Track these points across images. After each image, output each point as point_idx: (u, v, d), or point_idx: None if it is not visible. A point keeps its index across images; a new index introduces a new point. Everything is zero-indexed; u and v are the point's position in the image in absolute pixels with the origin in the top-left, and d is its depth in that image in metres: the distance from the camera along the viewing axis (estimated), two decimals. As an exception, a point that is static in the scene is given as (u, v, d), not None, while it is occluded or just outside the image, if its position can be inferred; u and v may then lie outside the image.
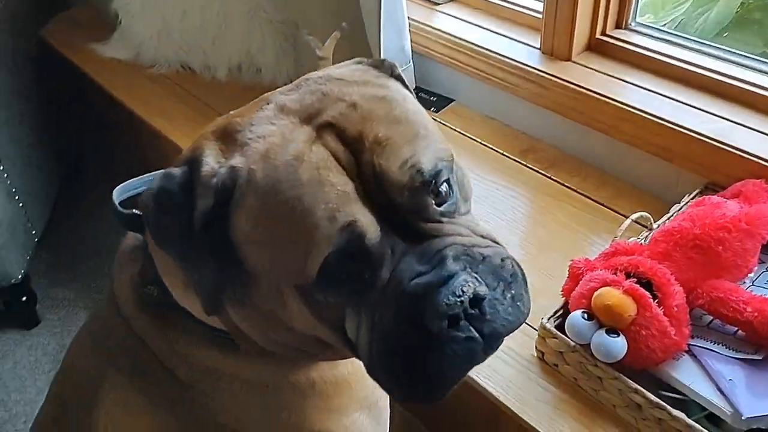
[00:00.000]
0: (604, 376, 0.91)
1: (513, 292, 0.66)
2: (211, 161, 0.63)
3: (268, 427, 0.79)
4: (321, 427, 0.81)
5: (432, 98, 1.61)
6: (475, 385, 1.00)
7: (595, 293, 0.90)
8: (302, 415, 0.80)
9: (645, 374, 0.92)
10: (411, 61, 1.55)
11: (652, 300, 0.88)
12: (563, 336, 0.94)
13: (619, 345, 0.88)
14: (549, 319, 0.98)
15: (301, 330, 0.70)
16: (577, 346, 0.93)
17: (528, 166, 1.39)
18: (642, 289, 0.88)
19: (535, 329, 1.00)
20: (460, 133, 1.50)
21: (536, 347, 1.01)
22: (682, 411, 0.86)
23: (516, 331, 0.99)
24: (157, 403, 0.77)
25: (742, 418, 0.80)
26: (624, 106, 1.24)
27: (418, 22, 1.56)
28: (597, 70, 1.34)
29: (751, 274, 0.99)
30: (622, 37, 1.36)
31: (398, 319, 0.62)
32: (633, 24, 1.38)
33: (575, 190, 1.32)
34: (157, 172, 0.69)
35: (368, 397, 0.86)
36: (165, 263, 0.74)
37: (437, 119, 1.54)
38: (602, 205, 1.28)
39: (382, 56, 1.42)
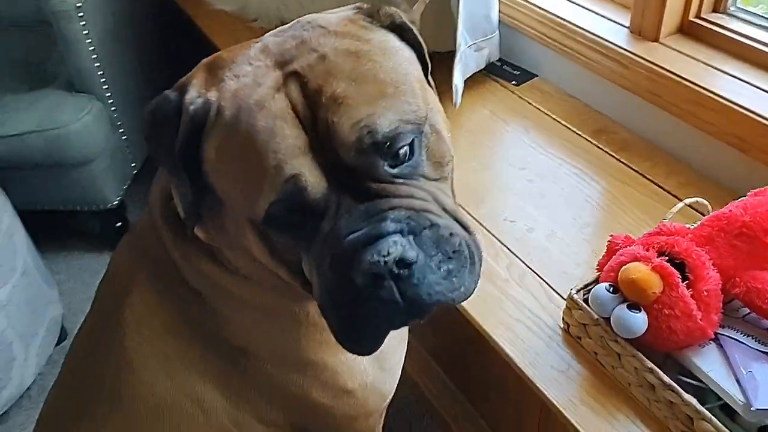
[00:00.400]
0: (623, 353, 0.89)
1: (450, 266, 0.66)
2: (194, 91, 0.68)
3: (268, 347, 0.85)
4: (316, 357, 0.85)
5: (515, 72, 1.60)
6: (497, 347, 1.01)
7: (623, 267, 0.88)
8: (300, 342, 0.85)
9: (668, 359, 0.90)
10: (497, 30, 1.53)
11: (680, 280, 0.85)
12: (588, 308, 0.93)
13: (639, 321, 0.86)
14: (578, 291, 0.96)
15: (267, 264, 0.74)
16: (600, 320, 0.91)
17: (599, 147, 1.36)
18: (671, 268, 0.85)
19: (565, 300, 0.99)
20: (535, 107, 1.48)
21: (563, 318, 1.00)
22: (699, 399, 0.83)
23: (547, 300, 1.00)
24: (172, 307, 0.84)
25: (752, 408, 0.77)
26: (704, 91, 1.18)
27: (511, -7, 1.55)
28: (684, 53, 1.28)
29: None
30: (718, 22, 1.29)
31: (333, 271, 0.65)
32: (732, 8, 1.30)
33: (643, 175, 1.27)
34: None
35: None
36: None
37: (516, 92, 1.53)
38: (668, 192, 1.23)
39: (461, 22, 1.42)
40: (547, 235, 1.17)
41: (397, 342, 0.96)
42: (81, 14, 1.75)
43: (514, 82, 1.56)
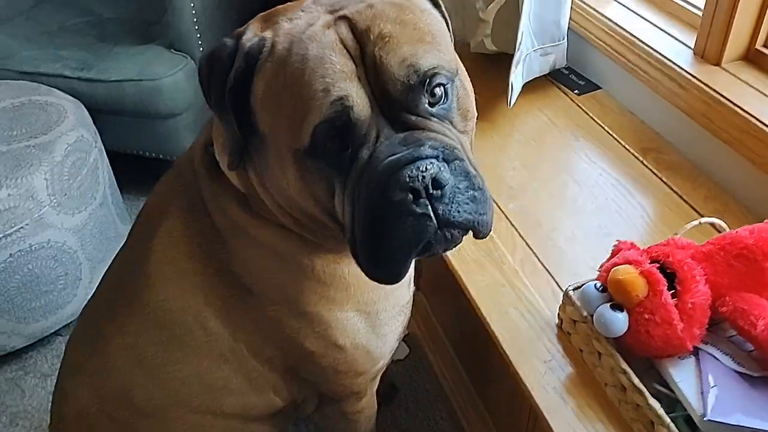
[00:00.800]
0: (603, 352, 0.92)
1: (476, 194, 0.72)
2: (250, 33, 0.77)
3: (271, 289, 0.93)
4: (314, 309, 0.93)
5: (580, 81, 1.61)
6: (490, 330, 1.05)
7: (613, 268, 0.91)
8: (302, 292, 0.92)
9: (651, 367, 0.91)
10: (566, 38, 1.56)
11: (666, 288, 0.86)
12: (578, 305, 0.96)
13: (619, 320, 0.88)
14: (575, 289, 0.99)
15: (299, 202, 0.81)
16: (588, 317, 0.94)
17: (644, 163, 1.36)
18: (658, 274, 0.87)
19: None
20: (592, 118, 1.50)
21: (558, 314, 1.03)
22: (669, 408, 0.85)
23: (551, 297, 1.02)
24: (194, 238, 0.93)
25: (703, 419, 0.78)
26: (752, 119, 1.17)
27: (587, 4, 1.56)
28: (742, 80, 1.26)
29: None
30: (786, 53, 1.26)
31: (370, 192, 0.71)
32: (804, 42, 1.27)
33: (680, 196, 1.27)
34: None
35: (367, 303, 0.95)
36: (216, 129, 0.89)
37: (576, 101, 1.55)
38: (702, 215, 1.22)
39: (528, 25, 1.46)
40: (568, 237, 1.20)
41: (395, 312, 1.01)
42: (188, -19, 1.91)
43: (576, 91, 1.58)
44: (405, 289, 1.02)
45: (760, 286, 0.88)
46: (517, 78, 1.48)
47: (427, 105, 0.73)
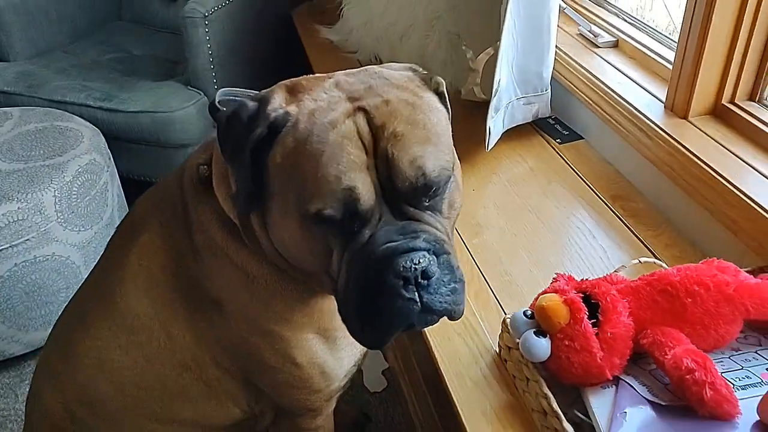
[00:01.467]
0: (530, 377, 0.95)
1: (456, 287, 0.82)
2: (276, 103, 0.84)
3: (238, 306, 0.99)
4: (276, 328, 0.99)
5: (564, 132, 1.67)
6: (434, 357, 1.09)
7: (541, 296, 0.95)
8: (264, 311, 0.98)
9: (579, 397, 0.94)
10: (548, 88, 1.62)
11: (587, 317, 0.90)
12: (510, 331, 0.99)
13: (541, 346, 0.91)
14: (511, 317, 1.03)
15: (295, 254, 0.88)
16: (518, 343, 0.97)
17: (613, 210, 1.40)
18: (580, 303, 0.91)
19: (506, 327, 1.06)
20: (570, 166, 1.55)
21: (498, 342, 1.07)
22: (582, 429, 0.87)
23: (497, 324, 1.08)
24: (171, 251, 1.00)
25: (605, 441, 0.80)
26: (709, 169, 1.21)
27: (572, 58, 1.63)
28: (706, 134, 1.30)
29: (737, 350, 0.94)
30: (749, 109, 1.30)
31: (368, 269, 0.80)
32: (768, 99, 1.31)
33: (642, 242, 1.30)
34: (257, 92, 0.90)
35: (327, 330, 1.01)
36: (218, 156, 0.95)
37: (557, 149, 1.61)
38: (663, 262, 1.25)
39: (511, 74, 1.53)
40: (525, 274, 1.24)
41: (353, 341, 1.07)
42: (207, 23, 2.06)
43: (558, 140, 1.64)
44: None
45: (681, 321, 0.91)
46: (496, 123, 1.54)
47: (426, 202, 0.82)
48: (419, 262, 0.78)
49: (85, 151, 1.88)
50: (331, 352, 1.04)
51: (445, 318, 0.84)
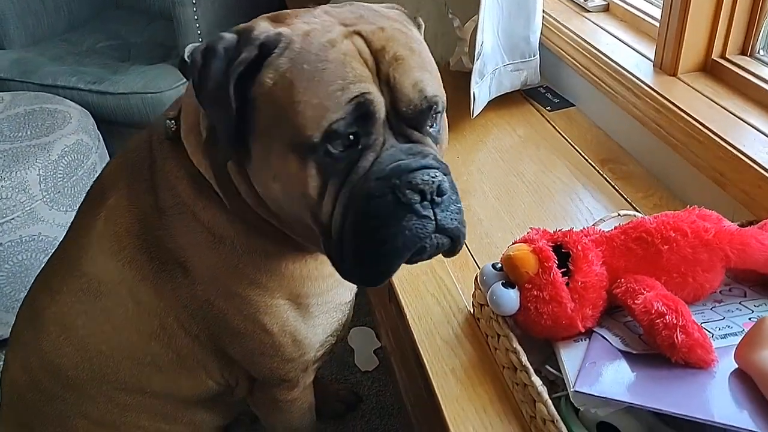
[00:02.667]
0: (500, 333, 0.90)
1: (461, 206, 0.80)
2: (264, 27, 0.79)
3: (203, 268, 0.94)
4: (243, 291, 0.94)
5: (555, 99, 1.62)
6: (405, 317, 1.05)
7: (509, 247, 0.90)
8: (230, 273, 0.93)
9: (553, 353, 0.89)
10: (537, 55, 1.58)
11: (555, 266, 0.85)
12: (480, 286, 0.95)
13: (509, 297, 0.87)
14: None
15: (281, 199, 0.81)
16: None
17: (601, 174, 1.35)
18: (549, 251, 0.86)
19: (481, 285, 1.01)
20: (559, 132, 1.50)
21: (472, 301, 1.02)
22: (555, 387, 0.83)
23: (472, 284, 1.02)
24: (136, 213, 0.96)
25: (571, 389, 0.75)
26: (697, 124, 1.15)
27: (560, 23, 1.58)
28: (696, 89, 1.25)
29: (720, 301, 0.88)
30: (741, 64, 1.25)
31: (374, 193, 0.75)
32: (761, 53, 1.25)
33: (631, 203, 1.25)
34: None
35: (299, 296, 0.97)
36: (187, 106, 0.91)
37: (546, 117, 1.56)
38: (643, 214, 1.19)
39: (497, 40, 1.49)
40: (505, 235, 1.19)
41: (330, 307, 1.02)
42: (195, 2, 2.03)
43: (548, 108, 1.59)
44: (344, 288, 1.03)
45: (657, 269, 0.86)
46: (482, 90, 1.50)
47: (428, 127, 0.80)
48: (435, 175, 0.75)
49: (72, 131, 1.87)
50: (304, 320, 0.99)
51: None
